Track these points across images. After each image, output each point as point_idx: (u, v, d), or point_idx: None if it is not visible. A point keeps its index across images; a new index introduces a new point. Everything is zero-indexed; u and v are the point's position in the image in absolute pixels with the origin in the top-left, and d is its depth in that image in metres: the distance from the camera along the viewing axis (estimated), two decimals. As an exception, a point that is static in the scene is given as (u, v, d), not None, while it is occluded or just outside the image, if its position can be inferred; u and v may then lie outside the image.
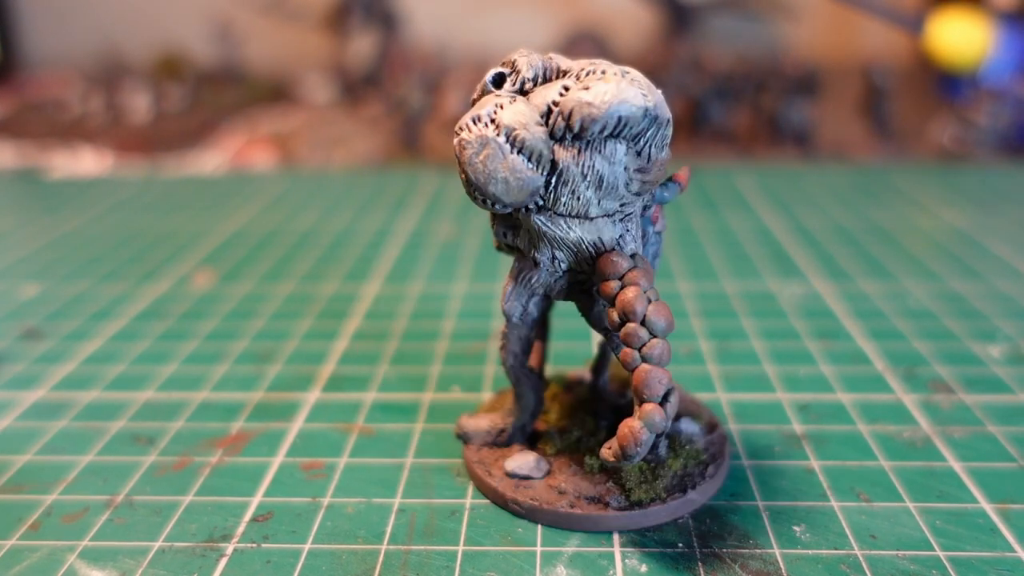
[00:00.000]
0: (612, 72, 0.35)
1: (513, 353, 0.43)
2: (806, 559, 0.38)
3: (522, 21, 1.62)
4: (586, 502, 0.41)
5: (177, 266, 0.75)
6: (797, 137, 1.08)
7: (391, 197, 0.93)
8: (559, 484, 0.42)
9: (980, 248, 0.75)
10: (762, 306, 0.64)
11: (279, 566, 0.39)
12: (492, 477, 0.43)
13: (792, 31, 1.58)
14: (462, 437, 0.46)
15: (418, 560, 0.39)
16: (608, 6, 1.58)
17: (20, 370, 0.57)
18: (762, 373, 0.55)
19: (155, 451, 0.48)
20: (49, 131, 1.22)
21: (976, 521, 0.41)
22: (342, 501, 0.43)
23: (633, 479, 0.41)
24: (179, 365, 0.58)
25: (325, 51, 1.57)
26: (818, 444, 0.47)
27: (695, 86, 1.15)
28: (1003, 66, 1.13)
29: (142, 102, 1.34)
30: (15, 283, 0.72)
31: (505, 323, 0.42)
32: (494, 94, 0.36)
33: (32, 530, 0.41)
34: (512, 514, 0.42)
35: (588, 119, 0.34)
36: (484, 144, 0.35)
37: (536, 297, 0.41)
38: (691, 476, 0.42)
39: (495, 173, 0.35)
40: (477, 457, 0.44)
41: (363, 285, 0.70)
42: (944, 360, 0.56)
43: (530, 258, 0.39)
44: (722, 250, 0.76)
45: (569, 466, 0.43)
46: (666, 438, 0.43)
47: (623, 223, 0.38)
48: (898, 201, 0.88)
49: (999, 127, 1.04)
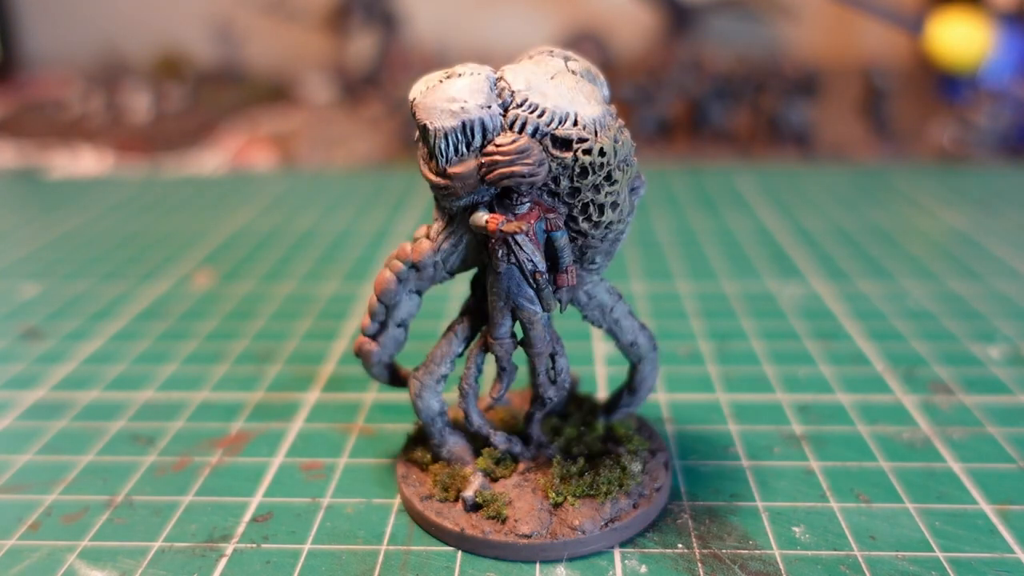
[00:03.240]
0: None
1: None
2: (805, 560, 0.38)
3: (522, 21, 1.62)
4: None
5: (177, 266, 0.75)
6: (797, 138, 1.08)
7: (391, 197, 0.93)
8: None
9: (979, 249, 0.75)
10: (762, 307, 0.64)
11: (279, 566, 0.39)
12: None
13: (792, 32, 1.58)
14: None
15: (418, 560, 0.39)
16: (608, 6, 1.58)
17: (20, 370, 0.57)
18: (762, 374, 0.55)
19: (155, 451, 0.48)
20: (49, 131, 1.22)
21: (975, 522, 0.41)
22: (342, 501, 0.43)
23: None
24: (179, 365, 0.58)
25: (325, 51, 1.57)
26: (818, 445, 0.47)
27: (695, 87, 1.15)
28: (1003, 67, 1.14)
29: (142, 102, 1.34)
30: (15, 283, 0.72)
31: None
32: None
33: (32, 530, 0.41)
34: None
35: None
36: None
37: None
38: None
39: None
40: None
41: (362, 285, 0.70)
42: (944, 361, 0.56)
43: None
44: (722, 250, 0.76)
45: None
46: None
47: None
48: (898, 202, 0.88)
49: (999, 128, 1.04)
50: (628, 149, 0.37)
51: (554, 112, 0.36)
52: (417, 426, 0.46)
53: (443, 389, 0.42)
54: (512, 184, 0.36)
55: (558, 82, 0.37)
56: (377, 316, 0.42)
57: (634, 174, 0.39)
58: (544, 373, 0.41)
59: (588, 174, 0.36)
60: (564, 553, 0.39)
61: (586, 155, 0.36)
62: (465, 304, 0.42)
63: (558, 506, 0.40)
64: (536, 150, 0.36)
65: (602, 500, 0.40)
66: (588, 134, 0.36)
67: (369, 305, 0.42)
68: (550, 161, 0.36)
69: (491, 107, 0.36)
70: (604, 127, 0.36)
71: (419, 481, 0.43)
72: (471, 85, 0.36)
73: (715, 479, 0.44)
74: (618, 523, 0.39)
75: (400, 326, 0.42)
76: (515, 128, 0.36)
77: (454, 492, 0.41)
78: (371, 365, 0.43)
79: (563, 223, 0.38)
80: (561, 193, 0.37)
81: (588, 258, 0.39)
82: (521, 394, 0.49)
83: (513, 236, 0.36)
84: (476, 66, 0.38)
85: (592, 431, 0.45)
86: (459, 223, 0.39)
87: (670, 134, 1.12)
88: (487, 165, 0.36)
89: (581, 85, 0.37)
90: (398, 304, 0.42)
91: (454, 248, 0.40)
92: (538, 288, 0.38)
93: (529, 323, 0.39)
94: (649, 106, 1.11)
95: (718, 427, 0.49)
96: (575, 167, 0.36)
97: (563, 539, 0.39)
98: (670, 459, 0.45)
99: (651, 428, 0.47)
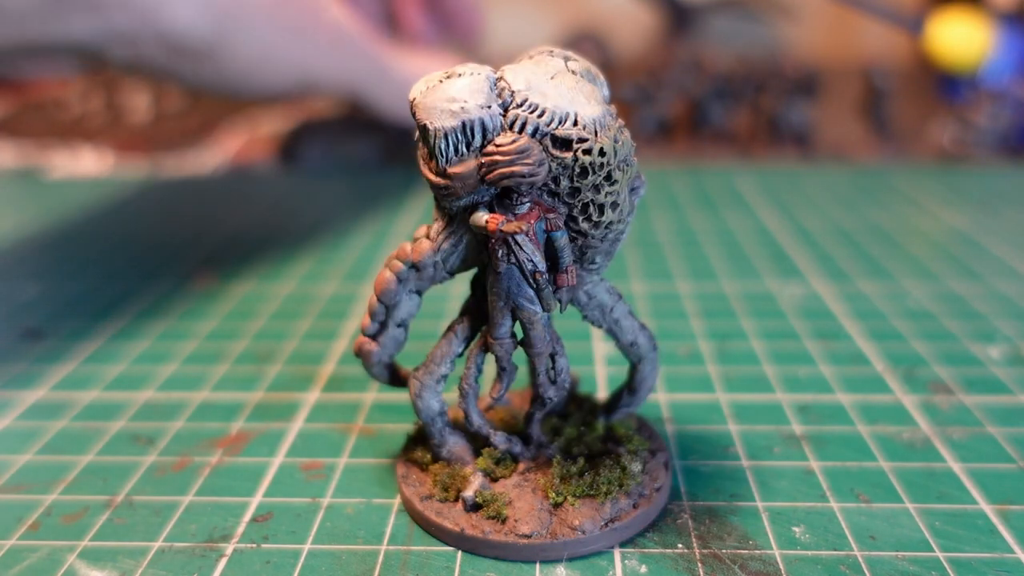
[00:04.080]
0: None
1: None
2: (805, 560, 0.38)
3: (522, 21, 1.62)
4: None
5: (177, 266, 0.75)
6: (797, 138, 1.08)
7: (391, 197, 0.93)
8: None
9: (979, 249, 0.75)
10: (762, 307, 0.64)
11: (279, 566, 0.39)
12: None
13: (792, 32, 1.58)
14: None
15: (418, 560, 0.39)
16: (608, 6, 1.58)
17: (20, 370, 0.57)
18: (762, 374, 0.55)
19: (155, 451, 0.48)
20: (49, 131, 1.22)
21: (975, 522, 0.41)
22: (342, 501, 0.43)
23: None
24: (179, 365, 0.58)
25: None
26: (818, 445, 0.47)
27: (695, 87, 1.15)
28: (1003, 67, 1.14)
29: (142, 102, 1.34)
30: (15, 283, 0.72)
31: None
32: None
33: (32, 530, 0.41)
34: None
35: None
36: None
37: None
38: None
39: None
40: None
41: (363, 285, 0.70)
42: (944, 361, 0.56)
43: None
44: (722, 250, 0.76)
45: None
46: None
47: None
48: (898, 202, 0.88)
49: (999, 128, 1.04)
50: (628, 149, 0.37)
51: (554, 112, 0.36)
52: (417, 426, 0.46)
53: (443, 389, 0.42)
54: (512, 184, 0.36)
55: (558, 82, 0.37)
56: (377, 316, 0.42)
57: (634, 174, 0.39)
58: (544, 373, 0.41)
59: (588, 174, 0.36)
60: (564, 553, 0.39)
61: (586, 155, 0.36)
62: (465, 304, 0.42)
63: (558, 506, 0.40)
64: (536, 150, 0.36)
65: (602, 500, 0.40)
66: (588, 134, 0.36)
67: (369, 305, 0.42)
68: (550, 161, 0.36)
69: (491, 107, 0.36)
70: (604, 127, 0.36)
71: (419, 481, 0.43)
72: (471, 85, 0.36)
73: (715, 479, 0.44)
74: (618, 523, 0.39)
75: (400, 326, 0.42)
76: (515, 128, 0.36)
77: (454, 492, 0.41)
78: (371, 365, 0.43)
79: (563, 223, 0.38)
80: (561, 193, 0.37)
81: (588, 258, 0.40)
82: (521, 394, 0.49)
83: (513, 236, 0.36)
84: (476, 66, 0.38)
85: (592, 431, 0.45)
86: (459, 223, 0.39)
87: (670, 134, 1.12)
88: (487, 165, 0.36)
89: (581, 85, 0.37)
90: (398, 304, 0.42)
91: (454, 248, 0.40)
92: (538, 288, 0.38)
93: (529, 323, 0.39)
94: (649, 106, 1.11)
95: (718, 427, 0.49)
96: (575, 167, 0.36)
97: (563, 539, 0.39)
98: (670, 459, 0.45)
99: (651, 428, 0.47)
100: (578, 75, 0.38)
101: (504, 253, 0.37)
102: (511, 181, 0.36)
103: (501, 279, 0.38)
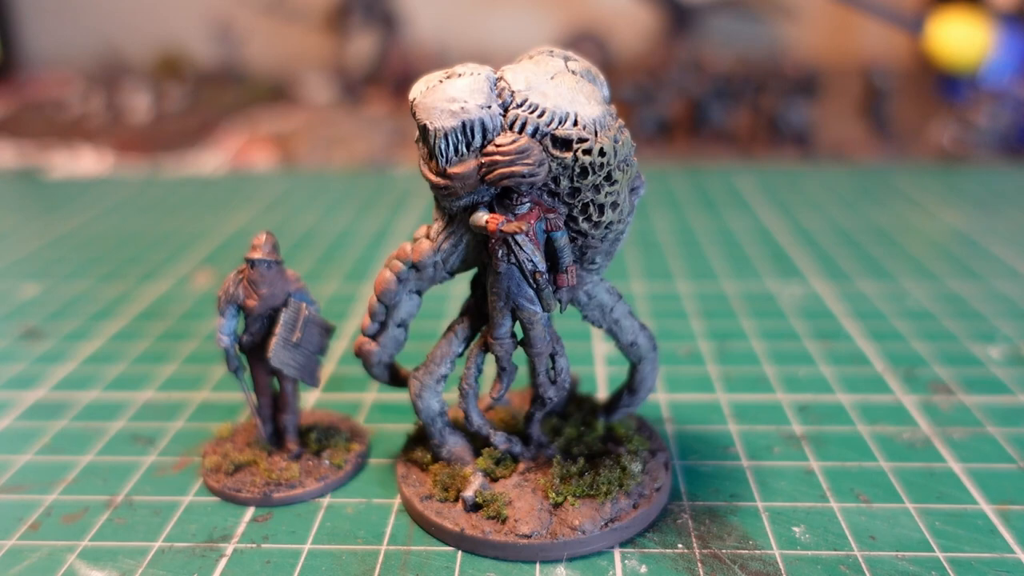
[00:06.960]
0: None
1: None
2: (805, 560, 0.38)
3: (522, 21, 1.62)
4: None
5: (177, 266, 0.75)
6: (797, 138, 1.08)
7: (391, 197, 0.93)
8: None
9: (979, 249, 0.75)
10: (762, 307, 0.64)
11: (279, 566, 0.39)
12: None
13: (792, 32, 1.58)
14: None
15: (418, 560, 0.39)
16: (608, 6, 1.58)
17: (20, 370, 0.57)
18: (761, 374, 0.55)
19: (155, 451, 0.48)
20: (49, 131, 1.22)
21: (975, 522, 0.41)
22: (342, 501, 0.43)
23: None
24: (179, 365, 0.58)
25: (325, 51, 1.57)
26: (817, 445, 0.47)
27: (695, 87, 1.15)
28: (1003, 67, 1.14)
29: (142, 102, 1.34)
30: (15, 283, 0.72)
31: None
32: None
33: (32, 530, 0.41)
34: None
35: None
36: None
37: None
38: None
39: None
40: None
41: (362, 285, 0.70)
42: (944, 361, 0.56)
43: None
44: (722, 250, 0.76)
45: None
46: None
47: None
48: (898, 202, 0.88)
49: (999, 128, 1.04)
50: (628, 149, 0.37)
51: (554, 112, 0.36)
52: (417, 426, 0.46)
53: (443, 389, 0.42)
54: (512, 184, 0.36)
55: (558, 82, 0.37)
56: (377, 316, 0.42)
57: (634, 174, 0.39)
58: (544, 373, 0.41)
59: (588, 174, 0.36)
60: (564, 553, 0.39)
61: (586, 155, 0.36)
62: (465, 304, 0.42)
63: (558, 506, 0.40)
64: (536, 150, 0.36)
65: (602, 500, 0.40)
66: (588, 134, 0.36)
67: (369, 305, 0.42)
68: (550, 161, 0.36)
69: (491, 107, 0.36)
70: (604, 127, 0.36)
71: (419, 481, 0.43)
72: (471, 85, 0.36)
73: (715, 479, 0.44)
74: (618, 523, 0.39)
75: (400, 326, 0.42)
76: (515, 128, 0.36)
77: (454, 492, 0.41)
78: (371, 365, 0.43)
79: (563, 223, 0.38)
80: (561, 193, 0.37)
81: (588, 258, 0.40)
82: (521, 394, 0.49)
83: (513, 236, 0.36)
84: (476, 66, 0.38)
85: (592, 431, 0.45)
86: (459, 223, 0.39)
87: (670, 134, 1.12)
88: (487, 165, 0.36)
89: (581, 85, 0.37)
90: (398, 304, 0.42)
91: (454, 248, 0.40)
92: (538, 288, 0.38)
93: (529, 323, 0.39)
94: (649, 106, 1.11)
95: (718, 427, 0.49)
96: (575, 167, 0.36)
97: (563, 539, 0.39)
98: (670, 459, 0.45)
99: (651, 428, 0.47)
100: (578, 75, 0.38)
101: (504, 253, 0.37)
102: (511, 181, 0.36)
103: (501, 279, 0.38)
